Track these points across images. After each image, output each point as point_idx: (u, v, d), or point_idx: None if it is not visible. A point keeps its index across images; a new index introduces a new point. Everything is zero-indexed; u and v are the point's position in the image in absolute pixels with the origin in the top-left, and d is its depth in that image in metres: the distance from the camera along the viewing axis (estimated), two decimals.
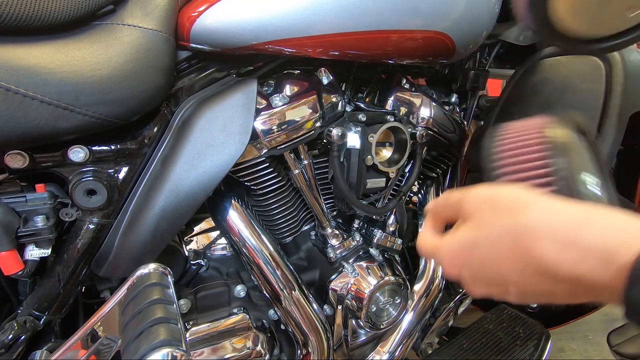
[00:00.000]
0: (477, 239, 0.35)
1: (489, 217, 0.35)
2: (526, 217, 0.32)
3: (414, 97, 0.88)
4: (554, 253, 0.30)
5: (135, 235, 0.63)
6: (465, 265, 0.37)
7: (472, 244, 0.36)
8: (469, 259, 0.36)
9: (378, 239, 0.92)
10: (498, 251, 0.33)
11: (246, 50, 0.63)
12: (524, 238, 0.32)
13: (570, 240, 0.30)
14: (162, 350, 0.43)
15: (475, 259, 0.35)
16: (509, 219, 0.33)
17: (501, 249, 0.33)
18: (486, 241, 0.34)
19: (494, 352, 1.01)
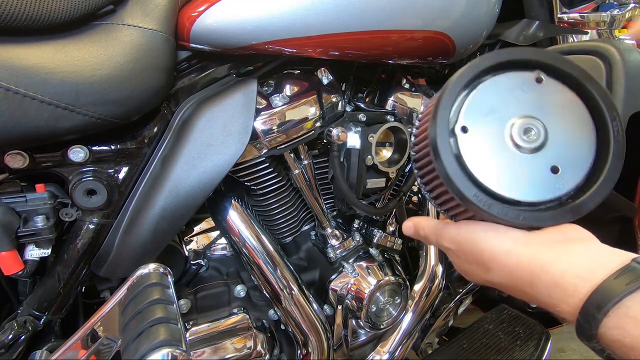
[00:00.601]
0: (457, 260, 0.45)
1: (463, 260, 0.43)
2: (491, 277, 0.40)
3: (414, 97, 0.88)
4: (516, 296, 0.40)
5: (135, 235, 0.63)
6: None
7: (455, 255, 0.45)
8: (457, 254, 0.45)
9: (378, 239, 0.92)
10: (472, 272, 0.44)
11: (246, 50, 0.63)
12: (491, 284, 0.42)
13: (524, 295, 0.38)
14: (162, 350, 0.43)
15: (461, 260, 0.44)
16: (478, 272, 0.42)
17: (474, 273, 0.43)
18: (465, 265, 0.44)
19: (494, 352, 1.01)
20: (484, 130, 0.40)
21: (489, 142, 0.39)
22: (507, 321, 1.10)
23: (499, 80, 0.41)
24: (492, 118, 0.40)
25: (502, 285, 0.40)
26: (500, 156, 0.39)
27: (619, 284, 0.30)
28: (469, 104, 0.40)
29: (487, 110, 0.40)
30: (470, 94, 0.41)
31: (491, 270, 0.39)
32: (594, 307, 0.31)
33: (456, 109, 0.40)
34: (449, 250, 0.45)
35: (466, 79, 0.41)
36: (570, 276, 0.33)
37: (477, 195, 0.37)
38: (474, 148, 0.39)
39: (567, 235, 0.37)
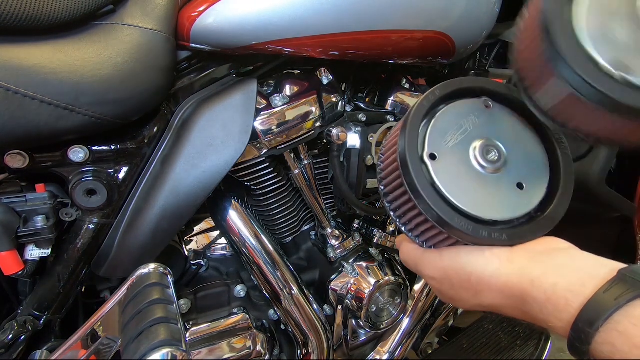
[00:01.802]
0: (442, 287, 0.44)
1: (448, 287, 0.43)
2: (481, 300, 0.40)
3: (414, 97, 0.88)
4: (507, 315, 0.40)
5: (135, 235, 0.63)
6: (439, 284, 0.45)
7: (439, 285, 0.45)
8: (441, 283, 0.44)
9: (378, 239, 0.92)
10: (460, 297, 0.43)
11: (246, 50, 0.63)
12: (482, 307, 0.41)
13: (517, 313, 0.38)
14: (162, 350, 0.43)
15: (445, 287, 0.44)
16: (466, 297, 0.41)
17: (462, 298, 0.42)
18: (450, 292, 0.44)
19: (494, 352, 1.01)
20: (451, 156, 0.41)
21: (458, 167, 0.41)
22: (507, 321, 1.11)
23: (452, 108, 0.43)
24: (454, 143, 0.41)
25: (494, 307, 0.40)
26: (471, 179, 0.40)
27: (609, 298, 0.30)
28: (431, 133, 0.42)
29: (448, 136, 0.42)
30: (430, 123, 0.42)
31: (480, 293, 0.39)
32: (586, 324, 0.31)
33: (421, 139, 0.42)
34: (432, 280, 0.44)
35: (424, 110, 0.42)
36: (561, 290, 0.33)
37: (460, 221, 0.38)
38: (445, 174, 0.40)
39: (549, 246, 0.38)
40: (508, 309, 0.39)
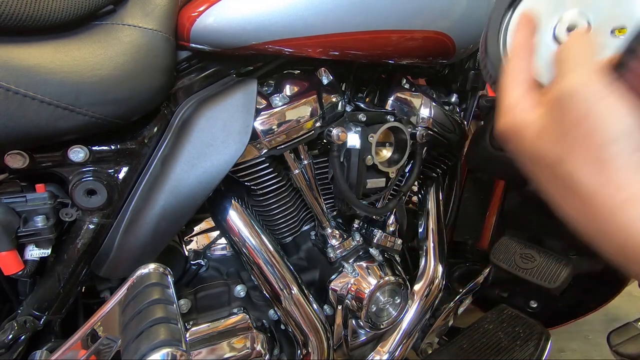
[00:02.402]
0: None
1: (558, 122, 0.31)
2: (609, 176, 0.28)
3: (414, 97, 0.88)
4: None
5: (135, 235, 0.63)
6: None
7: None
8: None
9: (378, 239, 0.92)
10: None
11: (246, 50, 0.63)
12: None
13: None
14: (162, 350, 0.43)
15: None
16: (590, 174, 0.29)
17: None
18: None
19: (494, 352, 1.01)
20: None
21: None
22: (507, 321, 1.11)
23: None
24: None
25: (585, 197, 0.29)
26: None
27: None
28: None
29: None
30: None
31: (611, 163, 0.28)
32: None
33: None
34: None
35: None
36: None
37: None
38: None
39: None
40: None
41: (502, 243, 1.19)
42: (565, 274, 1.04)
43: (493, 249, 1.18)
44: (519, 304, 1.21)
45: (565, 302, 1.18)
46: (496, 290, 1.26)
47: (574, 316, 1.19)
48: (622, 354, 0.91)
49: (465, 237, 1.30)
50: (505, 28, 0.45)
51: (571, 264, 1.07)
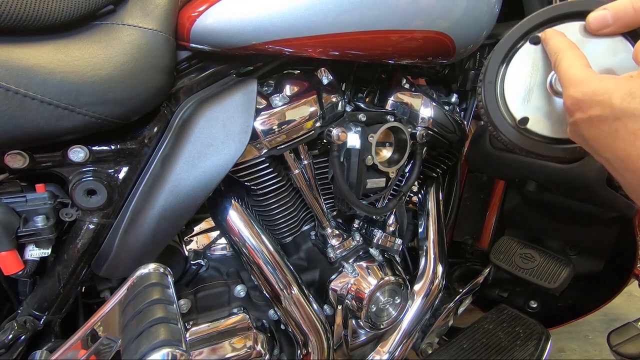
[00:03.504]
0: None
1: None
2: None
3: (414, 97, 0.88)
4: None
5: (135, 235, 0.63)
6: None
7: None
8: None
9: (378, 239, 0.92)
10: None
11: (246, 50, 0.63)
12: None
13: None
14: (162, 350, 0.43)
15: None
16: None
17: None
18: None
19: (494, 352, 1.01)
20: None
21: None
22: (507, 321, 1.11)
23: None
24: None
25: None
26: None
27: None
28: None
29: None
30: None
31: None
32: None
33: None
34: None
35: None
36: None
37: None
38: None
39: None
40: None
41: (502, 243, 1.19)
42: (565, 274, 1.04)
43: (493, 249, 1.18)
44: (519, 304, 1.21)
45: (565, 302, 1.18)
46: (496, 290, 1.26)
47: (574, 316, 1.19)
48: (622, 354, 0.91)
49: (465, 237, 1.30)
50: (502, 81, 0.48)
51: (571, 264, 1.07)
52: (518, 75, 0.48)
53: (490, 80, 0.49)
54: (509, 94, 0.48)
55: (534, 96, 0.46)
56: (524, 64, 0.47)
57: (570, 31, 0.44)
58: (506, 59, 0.48)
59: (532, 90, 0.47)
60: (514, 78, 0.48)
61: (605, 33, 0.42)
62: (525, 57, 0.47)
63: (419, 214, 1.07)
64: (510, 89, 0.48)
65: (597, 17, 0.41)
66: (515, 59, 0.48)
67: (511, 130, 0.48)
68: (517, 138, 0.47)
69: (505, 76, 0.48)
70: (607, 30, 0.42)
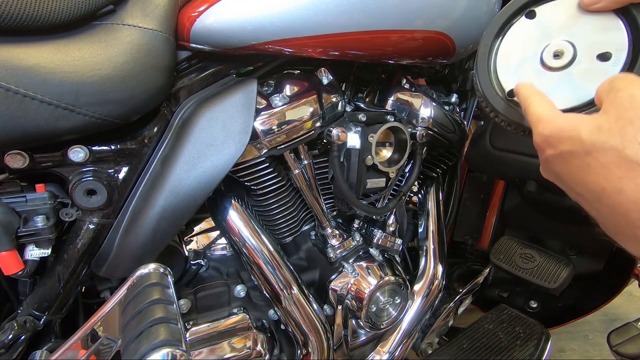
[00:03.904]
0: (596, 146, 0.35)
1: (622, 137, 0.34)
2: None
3: (414, 97, 0.88)
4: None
5: (135, 235, 0.63)
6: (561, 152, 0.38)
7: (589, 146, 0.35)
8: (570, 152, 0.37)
9: (378, 239, 0.92)
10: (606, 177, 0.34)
11: (246, 50, 0.63)
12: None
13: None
14: (162, 350, 0.43)
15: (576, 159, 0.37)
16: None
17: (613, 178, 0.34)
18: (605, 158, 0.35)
19: (494, 352, 1.01)
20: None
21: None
22: (507, 321, 1.11)
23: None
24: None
25: None
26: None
27: None
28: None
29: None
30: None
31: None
32: None
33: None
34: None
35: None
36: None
37: None
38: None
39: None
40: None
41: (502, 243, 1.19)
42: (565, 274, 1.04)
43: (493, 249, 1.18)
44: (519, 304, 1.21)
45: (565, 302, 1.18)
46: (496, 290, 1.26)
47: (574, 316, 1.19)
48: (622, 354, 0.91)
49: (465, 237, 1.30)
50: (495, 53, 0.49)
51: (571, 264, 1.07)
52: (511, 48, 0.49)
53: (484, 52, 0.50)
54: (500, 66, 0.49)
55: (525, 69, 0.47)
56: (518, 37, 0.48)
57: (565, 6, 0.45)
58: (501, 32, 0.49)
59: (523, 63, 0.47)
60: (507, 51, 0.49)
61: (597, 8, 0.43)
62: (520, 30, 0.48)
63: (419, 214, 1.07)
64: (503, 61, 0.49)
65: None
66: (510, 32, 0.49)
67: (499, 101, 0.48)
68: (504, 109, 0.48)
69: (499, 49, 0.49)
70: (599, 6, 0.42)
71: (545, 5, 0.47)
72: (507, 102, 0.48)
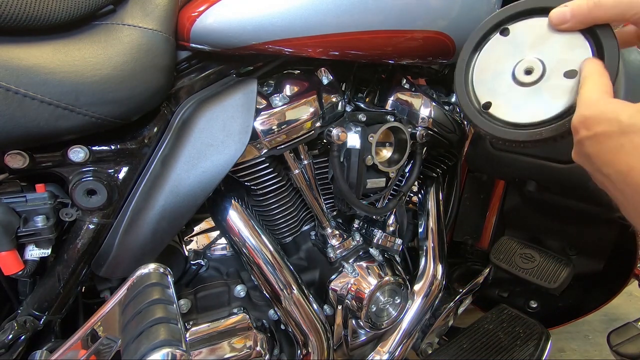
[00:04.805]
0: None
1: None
2: None
3: (414, 97, 0.88)
4: None
5: (135, 235, 0.63)
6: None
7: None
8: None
9: (378, 239, 0.92)
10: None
11: (246, 50, 0.63)
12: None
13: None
14: (162, 350, 0.43)
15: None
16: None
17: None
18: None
19: (494, 352, 1.01)
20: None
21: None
22: (507, 321, 1.11)
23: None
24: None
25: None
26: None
27: None
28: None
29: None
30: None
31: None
32: None
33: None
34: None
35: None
36: None
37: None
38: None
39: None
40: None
41: (502, 243, 1.19)
42: (565, 274, 1.04)
43: (493, 249, 1.18)
44: (519, 304, 1.21)
45: (565, 302, 1.18)
46: (496, 290, 1.26)
47: (574, 316, 1.19)
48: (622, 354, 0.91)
49: (465, 237, 1.30)
50: (473, 67, 0.52)
51: (571, 264, 1.07)
52: (487, 63, 0.51)
53: (461, 66, 0.52)
54: (476, 80, 0.52)
55: (499, 84, 0.50)
56: (493, 53, 0.51)
57: (537, 25, 0.47)
58: (478, 47, 0.52)
59: (497, 77, 0.50)
60: (483, 65, 0.51)
61: (564, 28, 0.45)
62: (494, 46, 0.51)
63: (419, 214, 1.07)
64: (479, 75, 0.52)
65: (557, 13, 0.45)
66: (486, 48, 0.52)
67: (475, 114, 0.51)
68: (479, 121, 0.50)
69: (476, 63, 0.52)
70: (566, 26, 0.45)
71: (519, 24, 0.49)
72: (481, 114, 0.50)
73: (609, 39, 0.43)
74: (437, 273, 1.01)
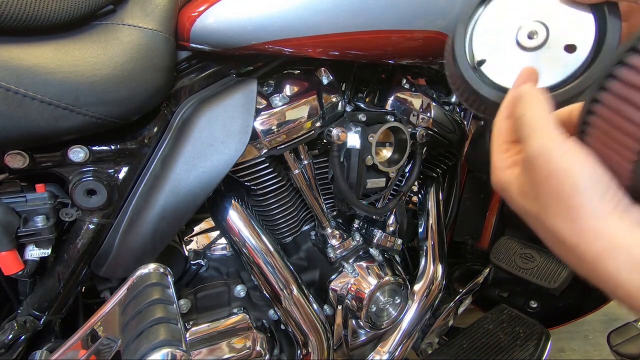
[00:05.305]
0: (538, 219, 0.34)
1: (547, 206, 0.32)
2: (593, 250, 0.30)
3: (414, 97, 0.88)
4: (627, 273, 0.29)
5: (135, 235, 0.63)
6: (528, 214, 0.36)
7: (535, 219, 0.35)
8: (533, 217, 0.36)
9: (378, 239, 0.92)
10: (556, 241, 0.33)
11: (246, 50, 0.63)
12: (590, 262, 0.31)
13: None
14: (162, 350, 0.43)
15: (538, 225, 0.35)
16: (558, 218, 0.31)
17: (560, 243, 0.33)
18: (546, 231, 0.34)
19: (494, 352, 1.01)
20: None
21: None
22: (507, 321, 1.11)
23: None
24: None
25: (612, 258, 0.29)
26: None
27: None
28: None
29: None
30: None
31: (582, 236, 0.30)
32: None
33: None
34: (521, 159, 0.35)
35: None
36: None
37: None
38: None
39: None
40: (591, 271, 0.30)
41: (502, 243, 1.19)
42: (565, 274, 1.04)
43: (493, 249, 1.18)
44: (519, 304, 1.21)
45: (565, 302, 1.18)
46: (496, 290, 1.26)
47: (574, 316, 1.19)
48: (622, 354, 0.91)
49: (465, 237, 1.30)
50: (476, 21, 0.50)
51: None
52: (491, 20, 0.49)
53: (464, 18, 0.50)
54: (477, 35, 0.50)
55: (499, 43, 0.48)
56: (500, 9, 0.49)
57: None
58: (485, 1, 0.50)
59: (498, 36, 0.48)
60: (487, 21, 0.49)
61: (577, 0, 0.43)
62: (503, 3, 0.49)
63: (419, 214, 1.07)
64: (480, 30, 0.49)
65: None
66: (493, 2, 0.49)
67: (467, 67, 0.49)
68: (470, 76, 0.49)
69: (480, 18, 0.50)
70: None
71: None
72: (474, 70, 0.48)
73: (614, 19, 0.41)
74: (437, 273, 1.01)
